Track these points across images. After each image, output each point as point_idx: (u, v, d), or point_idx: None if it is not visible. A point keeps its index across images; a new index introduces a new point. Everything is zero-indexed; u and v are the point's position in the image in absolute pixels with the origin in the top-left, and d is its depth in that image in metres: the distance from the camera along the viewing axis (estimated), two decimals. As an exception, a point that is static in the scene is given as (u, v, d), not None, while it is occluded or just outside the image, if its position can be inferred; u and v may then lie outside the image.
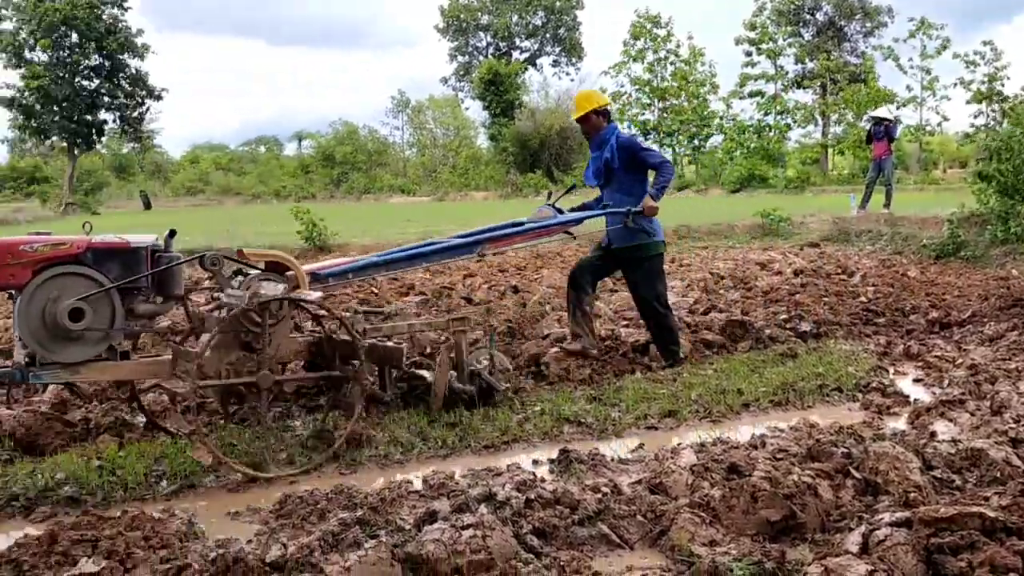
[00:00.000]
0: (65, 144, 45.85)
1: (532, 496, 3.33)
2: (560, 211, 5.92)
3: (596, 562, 3.00)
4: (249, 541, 3.12)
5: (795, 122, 43.48)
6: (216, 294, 4.60)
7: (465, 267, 12.01)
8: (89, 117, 44.51)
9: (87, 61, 44.22)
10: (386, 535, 3.02)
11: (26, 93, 42.99)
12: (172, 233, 4.27)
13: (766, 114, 43.43)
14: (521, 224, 5.70)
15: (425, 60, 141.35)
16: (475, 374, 5.00)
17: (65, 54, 43.45)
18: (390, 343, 4.78)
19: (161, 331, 4.85)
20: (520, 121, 49.18)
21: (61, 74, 43.09)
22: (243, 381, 4.10)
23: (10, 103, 43.47)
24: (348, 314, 4.99)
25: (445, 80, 62.08)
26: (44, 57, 43.09)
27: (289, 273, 4.48)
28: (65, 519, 3.39)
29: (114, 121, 46.64)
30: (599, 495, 3.42)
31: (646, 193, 5.83)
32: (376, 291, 9.46)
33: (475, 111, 59.23)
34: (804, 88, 44.61)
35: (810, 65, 44.25)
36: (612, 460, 4.12)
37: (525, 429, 4.72)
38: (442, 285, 9.75)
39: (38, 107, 43.42)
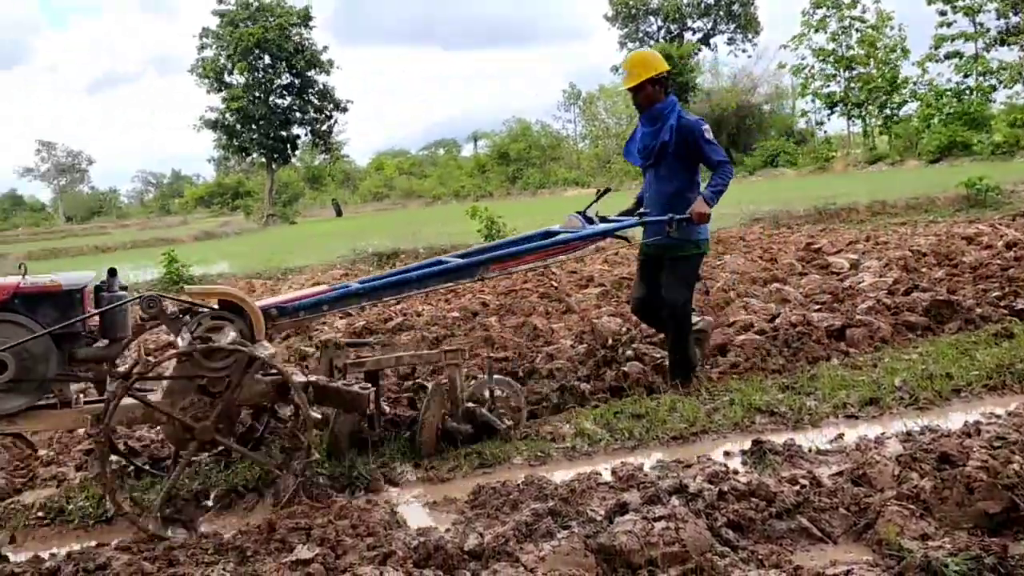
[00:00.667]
0: (264, 159, 49.37)
1: (725, 488, 3.25)
2: (590, 220, 5.10)
3: (796, 556, 2.88)
4: (447, 530, 3.24)
5: (1000, 83, 39.96)
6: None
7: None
8: (284, 133, 47.77)
9: (279, 80, 47.42)
10: (578, 526, 3.05)
11: (227, 114, 46.66)
12: (112, 272, 3.92)
13: (966, 76, 40.27)
14: (555, 235, 4.93)
15: (596, 51, 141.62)
16: (472, 412, 4.46)
17: (260, 75, 46.78)
18: (356, 387, 4.13)
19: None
20: (694, 103, 48.09)
21: (257, 94, 46.47)
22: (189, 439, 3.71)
23: (214, 124, 47.38)
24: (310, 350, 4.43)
25: (616, 68, 61.58)
26: (241, 80, 46.56)
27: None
28: (281, 509, 3.63)
29: (306, 135, 49.81)
30: (797, 487, 3.28)
31: (691, 184, 5.12)
32: (556, 284, 9.55)
33: (648, 98, 58.44)
34: (1009, 45, 40.85)
35: (1015, 19, 40.44)
36: (809, 451, 3.95)
37: (714, 420, 4.61)
38: (621, 276, 9.69)
39: (238, 127, 47.07)
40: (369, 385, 4.23)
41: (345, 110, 49.42)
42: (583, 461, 4.22)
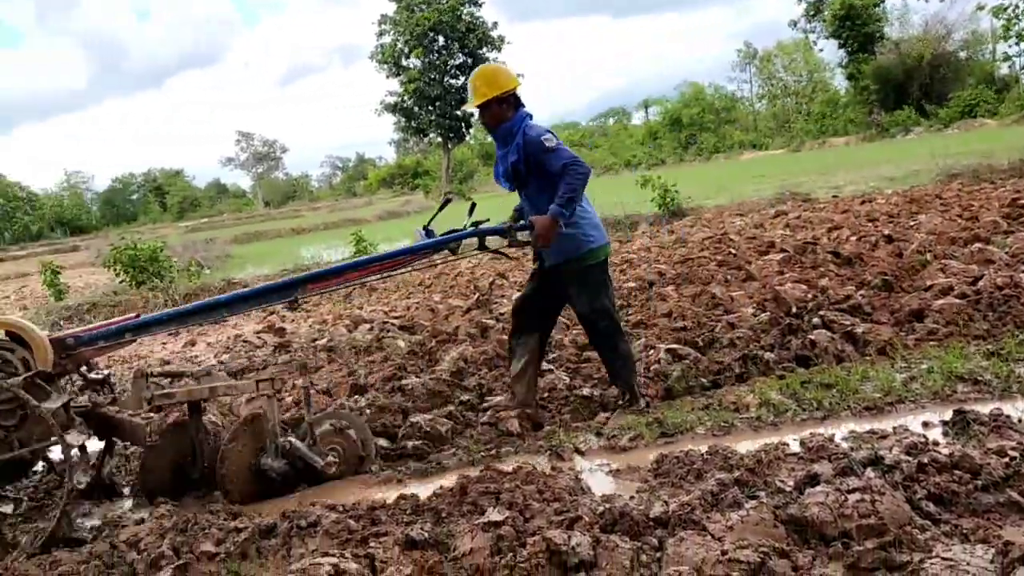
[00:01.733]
0: (440, 139, 50.89)
1: (925, 460, 3.09)
2: (431, 234, 4.64)
3: (1006, 531, 2.71)
4: (632, 497, 3.28)
5: None
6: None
7: (829, 219, 11.35)
8: (458, 112, 48.95)
9: (452, 61, 48.65)
10: (767, 496, 3.00)
11: (405, 97, 48.40)
12: None
13: None
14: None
15: (772, 6, 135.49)
16: (287, 448, 4.00)
17: (434, 57, 48.14)
18: (138, 418, 3.96)
19: None
20: (882, 54, 45.10)
21: (432, 76, 47.88)
22: None
23: (393, 108, 49.28)
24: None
25: (794, 23, 58.69)
26: (417, 63, 48.10)
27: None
28: (471, 473, 3.80)
29: (479, 112, 50.83)
30: (1006, 459, 3.08)
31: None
32: (735, 251, 9.31)
33: (829, 51, 55.51)
34: None
35: None
36: (1019, 421, 3.68)
37: (911, 389, 4.37)
38: (804, 240, 9.31)
39: (416, 109, 48.70)
40: (152, 416, 4.04)
41: (516, 85, 50.03)
42: (769, 431, 4.13)
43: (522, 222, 4.58)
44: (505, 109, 4.61)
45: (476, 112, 4.72)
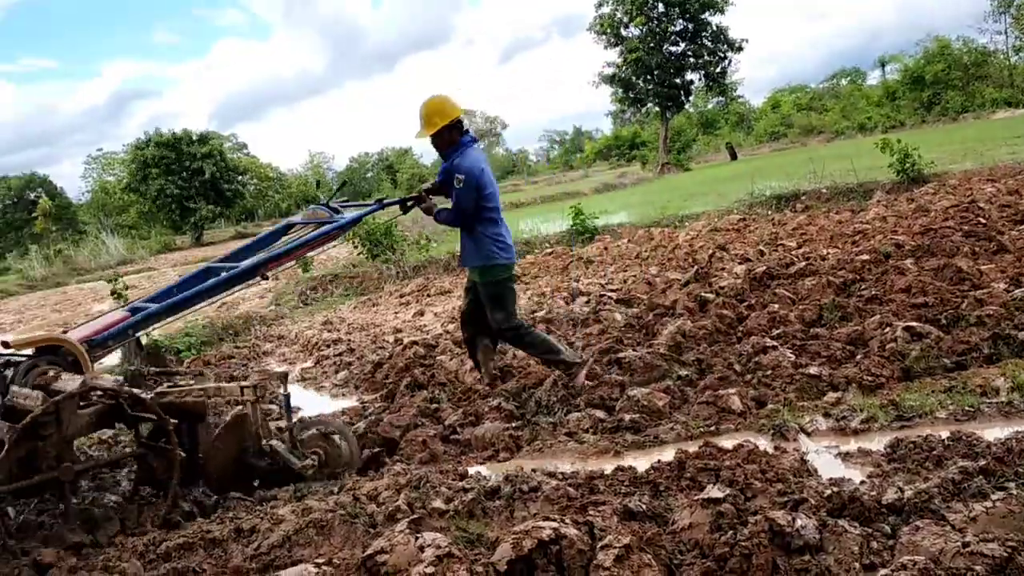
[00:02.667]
0: (658, 109, 50.09)
1: None
2: (336, 211, 5.13)
3: None
4: (862, 482, 3.13)
5: None
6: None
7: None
8: (677, 80, 47.93)
9: (672, 27, 47.53)
10: (1017, 488, 2.77)
11: (624, 68, 47.98)
12: None
13: None
14: (292, 226, 5.26)
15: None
16: (270, 449, 4.15)
17: (654, 24, 47.30)
18: (190, 398, 4.18)
19: None
20: None
21: (652, 44, 47.09)
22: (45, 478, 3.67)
23: (611, 79, 49.00)
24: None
25: (1062, -38, 52.13)
26: (637, 32, 47.48)
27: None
28: (689, 449, 3.78)
29: (699, 79, 49.48)
30: None
31: (488, 231, 5.14)
32: (984, 220, 8.51)
33: (1104, -7, 48.81)
34: None
35: None
36: None
37: None
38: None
39: (634, 78, 48.17)
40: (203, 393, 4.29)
41: (740, 49, 48.08)
42: (1021, 419, 3.78)
43: (419, 195, 5.37)
44: (455, 134, 5.19)
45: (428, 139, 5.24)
